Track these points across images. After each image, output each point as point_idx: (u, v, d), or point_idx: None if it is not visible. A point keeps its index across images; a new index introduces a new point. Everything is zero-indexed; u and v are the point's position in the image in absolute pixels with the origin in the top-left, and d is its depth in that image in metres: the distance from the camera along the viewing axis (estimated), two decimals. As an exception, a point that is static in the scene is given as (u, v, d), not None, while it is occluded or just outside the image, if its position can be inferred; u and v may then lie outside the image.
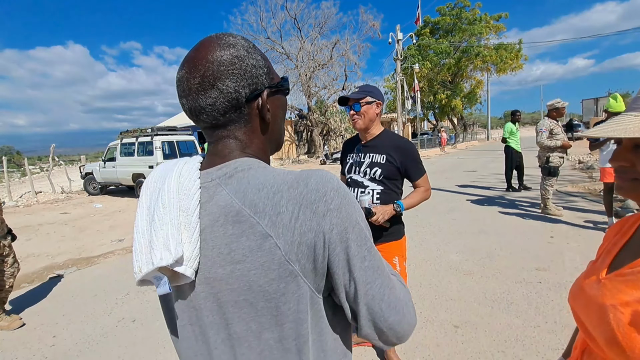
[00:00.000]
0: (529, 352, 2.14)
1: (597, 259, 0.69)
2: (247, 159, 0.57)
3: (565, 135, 5.13)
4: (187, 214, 0.53)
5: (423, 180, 1.82)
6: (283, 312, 0.51)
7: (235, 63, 0.55)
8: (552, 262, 3.46)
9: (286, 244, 0.49)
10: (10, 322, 2.97)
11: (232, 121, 0.58)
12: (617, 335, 0.52)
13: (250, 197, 0.51)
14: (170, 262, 0.50)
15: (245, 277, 0.50)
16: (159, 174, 0.60)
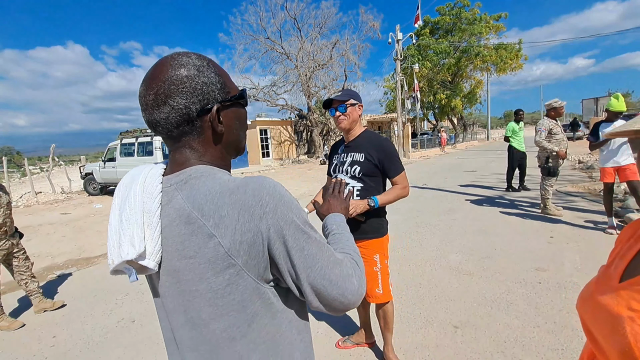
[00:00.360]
0: (528, 352, 2.14)
1: (610, 264, 0.64)
2: (201, 167, 0.65)
3: (565, 135, 5.12)
4: (150, 215, 0.62)
5: (400, 178, 1.86)
6: (228, 302, 0.60)
7: (185, 82, 0.62)
8: (552, 262, 3.46)
9: (228, 242, 0.57)
10: (11, 323, 3.02)
11: (185, 133, 0.65)
12: (634, 350, 0.48)
13: (199, 201, 0.59)
14: (134, 257, 0.59)
15: (197, 270, 0.59)
16: (129, 178, 0.69)
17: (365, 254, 1.94)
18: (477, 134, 41.64)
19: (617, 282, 0.57)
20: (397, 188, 1.87)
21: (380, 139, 1.91)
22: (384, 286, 1.96)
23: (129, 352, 2.53)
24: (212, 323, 0.62)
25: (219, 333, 0.62)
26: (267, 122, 23.02)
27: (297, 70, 21.73)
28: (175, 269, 0.62)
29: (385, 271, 1.97)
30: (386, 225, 1.99)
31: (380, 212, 1.93)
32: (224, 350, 0.63)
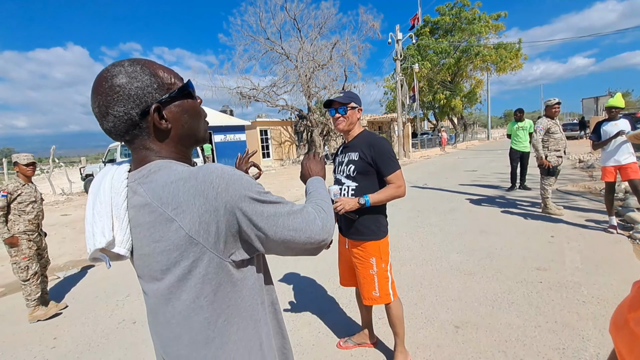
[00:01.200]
0: (529, 352, 2.14)
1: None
2: (159, 162, 0.71)
3: (564, 134, 5.09)
4: (117, 208, 0.69)
5: (395, 177, 1.83)
6: (194, 275, 0.67)
7: (118, 91, 0.67)
8: (553, 261, 3.46)
9: (188, 224, 0.64)
10: (47, 311, 3.18)
11: (136, 136, 0.72)
12: None
13: (158, 192, 0.66)
14: (104, 245, 0.67)
15: (165, 252, 0.66)
16: (100, 176, 0.76)
17: (361, 256, 1.94)
18: (477, 134, 41.65)
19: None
20: (391, 187, 1.84)
21: (374, 138, 1.91)
22: (380, 289, 1.93)
23: (130, 353, 2.53)
24: (183, 294, 0.69)
25: (189, 303, 0.69)
26: (267, 123, 23.02)
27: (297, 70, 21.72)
28: (146, 253, 0.69)
29: (383, 275, 1.93)
30: (384, 228, 1.95)
31: (376, 213, 1.90)
32: (194, 318, 0.70)
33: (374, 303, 1.98)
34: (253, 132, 21.38)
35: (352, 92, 1.97)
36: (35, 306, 3.13)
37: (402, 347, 2.10)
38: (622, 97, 4.28)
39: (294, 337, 2.46)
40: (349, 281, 2.19)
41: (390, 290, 1.97)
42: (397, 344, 2.10)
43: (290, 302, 3.09)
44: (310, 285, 3.42)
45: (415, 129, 28.73)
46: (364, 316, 2.34)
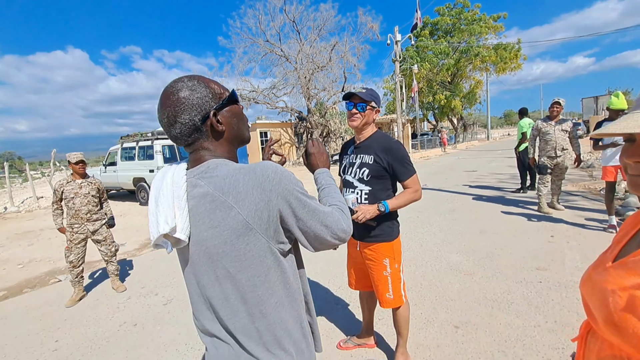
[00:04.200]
0: (529, 351, 2.14)
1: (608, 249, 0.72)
2: (215, 160, 0.84)
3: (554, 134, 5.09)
4: (179, 199, 0.80)
5: (412, 181, 1.81)
6: (249, 257, 0.79)
7: (183, 102, 0.81)
8: (553, 261, 3.46)
9: (246, 211, 0.76)
10: (119, 286, 3.80)
11: (197, 139, 0.85)
12: (614, 317, 0.56)
13: (219, 184, 0.78)
14: (168, 230, 0.78)
15: (222, 236, 0.78)
16: (161, 174, 0.89)
17: (374, 258, 1.91)
18: (477, 134, 41.64)
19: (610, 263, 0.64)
20: (409, 192, 1.81)
21: (391, 141, 1.85)
22: (394, 291, 1.91)
23: (131, 355, 2.54)
24: (238, 275, 0.80)
25: (244, 282, 0.80)
26: (267, 125, 23.06)
27: (297, 72, 21.76)
28: (203, 238, 0.80)
29: (396, 276, 1.92)
30: (396, 229, 1.93)
31: (390, 216, 1.88)
32: (249, 295, 0.81)
33: (388, 306, 1.95)
34: (253, 134, 21.41)
35: (374, 91, 1.91)
36: (75, 291, 3.61)
37: (403, 349, 2.10)
38: (623, 96, 4.28)
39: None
40: (358, 283, 2.17)
41: (403, 292, 1.95)
42: (400, 345, 2.10)
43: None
44: (310, 285, 3.42)
45: (414, 130, 28.73)
46: (366, 317, 2.33)
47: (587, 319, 0.70)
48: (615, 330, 0.56)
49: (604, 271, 0.64)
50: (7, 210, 10.66)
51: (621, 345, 0.57)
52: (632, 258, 0.59)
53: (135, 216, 8.40)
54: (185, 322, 2.93)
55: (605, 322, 0.58)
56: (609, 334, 0.58)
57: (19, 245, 6.32)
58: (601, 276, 0.63)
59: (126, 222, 7.72)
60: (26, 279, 4.48)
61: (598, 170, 8.61)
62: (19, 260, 5.34)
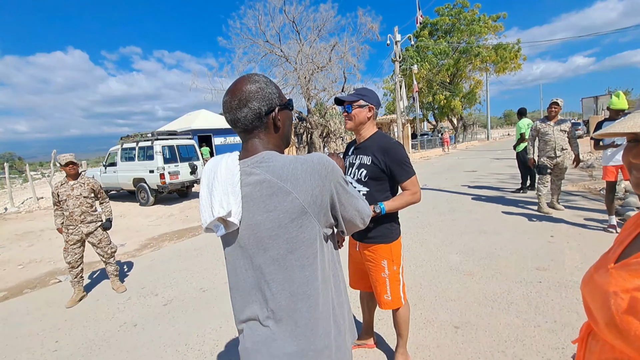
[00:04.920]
0: (529, 351, 2.15)
1: (610, 250, 0.71)
2: (268, 152, 0.90)
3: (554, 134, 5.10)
4: (233, 186, 0.86)
5: (410, 183, 1.78)
6: (300, 239, 0.86)
7: (258, 91, 0.90)
8: (552, 261, 3.46)
9: (303, 196, 0.83)
10: (119, 287, 3.80)
11: (256, 127, 0.92)
12: (616, 319, 0.55)
13: (277, 172, 0.84)
14: (224, 214, 0.84)
15: (277, 219, 0.84)
16: (213, 163, 0.95)
17: (373, 259, 1.91)
18: (477, 134, 41.64)
19: (613, 264, 0.63)
20: (406, 194, 1.78)
21: (389, 142, 1.82)
22: (392, 292, 1.90)
23: (131, 356, 2.54)
24: (288, 255, 0.85)
25: (294, 262, 0.86)
26: (267, 125, 23.02)
27: (297, 72, 21.75)
28: (255, 222, 0.85)
29: (395, 277, 1.90)
30: (396, 231, 1.91)
31: (389, 218, 1.85)
32: (297, 275, 0.86)
33: (386, 307, 1.94)
34: (253, 135, 21.35)
35: (365, 89, 1.88)
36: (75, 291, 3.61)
37: (403, 349, 2.10)
38: (624, 96, 4.28)
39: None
40: (358, 283, 2.17)
41: (402, 294, 1.93)
42: (400, 346, 2.10)
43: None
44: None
45: (414, 130, 28.74)
46: (366, 317, 2.33)
47: (588, 320, 0.70)
48: (617, 332, 0.55)
49: (606, 272, 0.63)
50: (8, 210, 10.66)
51: (623, 348, 0.56)
52: (634, 260, 0.58)
53: (135, 217, 8.40)
54: (186, 323, 2.93)
55: (607, 325, 0.57)
56: (611, 337, 0.58)
57: (19, 245, 6.32)
58: (603, 278, 0.63)
59: (126, 222, 7.72)
60: (26, 279, 4.48)
61: (598, 170, 8.60)
62: (19, 260, 5.35)
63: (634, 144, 0.61)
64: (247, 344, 0.91)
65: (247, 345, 0.91)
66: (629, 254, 0.62)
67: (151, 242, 5.94)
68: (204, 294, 3.48)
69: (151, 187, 9.52)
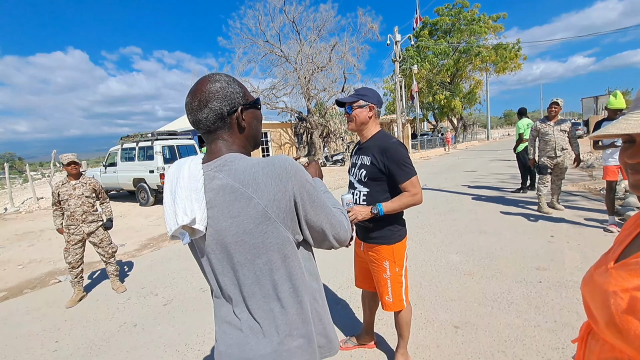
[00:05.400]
0: (529, 351, 2.14)
1: (610, 250, 0.72)
2: (232, 154, 0.88)
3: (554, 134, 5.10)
4: (197, 192, 0.83)
5: (409, 184, 1.73)
6: (266, 244, 0.83)
7: (219, 91, 0.88)
8: (552, 261, 3.46)
9: (265, 201, 0.81)
10: (119, 287, 3.80)
11: (219, 128, 0.90)
12: (616, 319, 0.55)
13: (239, 176, 0.82)
14: (187, 222, 0.81)
15: (241, 225, 0.82)
16: (175, 167, 0.91)
17: (375, 259, 1.90)
18: (477, 134, 41.66)
19: (612, 264, 0.64)
20: (405, 195, 1.74)
21: (388, 142, 1.79)
22: (394, 294, 1.88)
23: (131, 356, 2.54)
24: (256, 260, 0.84)
25: (262, 266, 0.85)
26: (267, 125, 23.06)
27: (297, 73, 21.77)
28: (221, 228, 0.83)
29: (396, 279, 1.88)
30: (399, 232, 1.87)
31: (392, 219, 1.83)
32: (265, 279, 0.86)
33: (388, 309, 1.93)
34: (253, 135, 21.36)
35: (365, 88, 1.86)
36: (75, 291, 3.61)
37: (404, 350, 2.10)
38: (621, 95, 4.29)
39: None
40: (362, 282, 2.18)
41: (404, 297, 1.91)
42: (400, 346, 2.10)
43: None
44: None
45: (414, 130, 28.75)
46: (367, 317, 2.33)
47: (588, 320, 0.70)
48: (616, 332, 0.55)
49: (606, 272, 0.63)
50: (7, 211, 10.66)
51: (622, 347, 0.56)
52: (634, 259, 0.58)
53: (135, 217, 8.40)
54: (185, 323, 2.93)
55: (607, 324, 0.58)
56: (611, 336, 0.58)
57: (19, 246, 6.32)
58: (603, 277, 0.63)
59: (126, 222, 7.72)
60: (26, 279, 4.48)
61: (598, 170, 8.61)
62: (19, 261, 5.35)
63: (628, 144, 0.62)
64: (221, 347, 0.90)
65: (221, 348, 0.90)
66: (628, 254, 0.62)
67: (151, 242, 5.94)
68: (203, 294, 3.48)
69: (151, 187, 9.52)
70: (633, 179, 0.62)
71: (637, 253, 0.59)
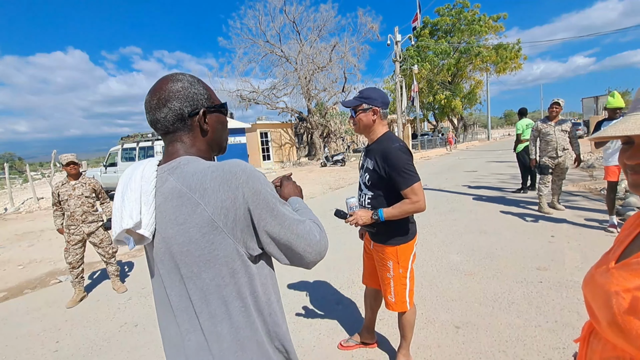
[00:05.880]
0: (529, 351, 2.14)
1: (611, 249, 0.72)
2: (188, 157, 0.82)
3: (555, 135, 5.11)
4: (146, 194, 0.77)
5: (409, 192, 1.69)
6: (214, 257, 0.75)
7: (180, 91, 0.83)
8: (553, 261, 3.46)
9: (212, 208, 0.73)
10: (120, 287, 3.81)
11: (178, 129, 0.85)
12: (618, 319, 0.56)
13: (188, 180, 0.76)
14: (131, 226, 0.75)
15: (187, 233, 0.75)
16: (131, 169, 0.85)
17: (380, 259, 1.93)
18: (477, 134, 41.67)
19: (613, 264, 0.64)
20: (406, 203, 1.70)
21: (389, 147, 1.74)
22: (396, 295, 1.88)
23: (132, 356, 2.54)
24: (202, 273, 0.76)
25: (209, 281, 0.77)
26: (268, 125, 23.08)
27: (297, 73, 21.79)
28: (168, 236, 0.77)
29: (400, 280, 1.87)
30: (406, 234, 1.85)
31: (398, 221, 1.81)
32: (213, 295, 0.77)
33: (391, 308, 1.93)
34: (253, 135, 21.43)
35: (368, 89, 1.83)
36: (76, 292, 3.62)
37: (406, 350, 2.10)
38: (620, 96, 4.29)
39: (294, 338, 2.47)
40: (368, 279, 2.20)
41: (407, 299, 1.90)
42: (402, 347, 2.10)
43: (290, 302, 3.10)
44: (311, 285, 3.42)
45: (415, 130, 28.77)
46: (368, 316, 2.32)
47: (590, 319, 0.70)
48: (619, 332, 0.56)
49: (607, 272, 0.64)
50: (8, 211, 10.67)
51: (624, 347, 0.57)
52: (635, 259, 0.59)
53: (135, 217, 8.40)
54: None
55: (609, 324, 0.58)
56: (613, 336, 0.58)
57: (20, 246, 6.32)
58: (604, 277, 0.63)
59: (126, 222, 7.71)
60: (27, 279, 4.48)
61: (598, 170, 8.61)
62: (20, 261, 5.35)
63: (628, 146, 0.62)
64: None
65: None
66: (629, 254, 0.63)
67: (151, 242, 5.94)
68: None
69: (151, 187, 9.52)
70: (632, 179, 0.63)
71: (638, 253, 0.59)
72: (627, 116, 0.59)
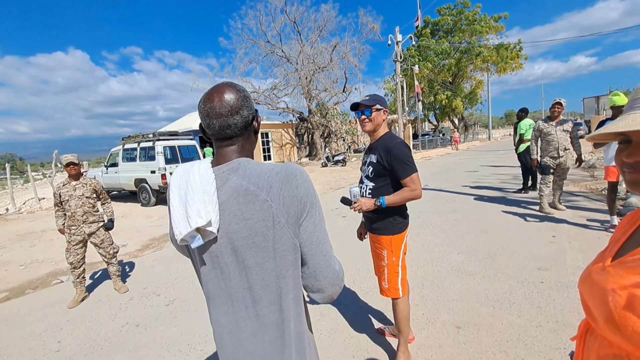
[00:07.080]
0: (530, 351, 2.14)
1: (606, 248, 0.73)
2: (244, 159, 0.90)
3: (556, 134, 5.11)
4: (210, 194, 0.83)
5: (409, 180, 1.89)
6: (276, 249, 0.83)
7: (246, 99, 0.91)
8: (554, 261, 3.46)
9: (276, 204, 0.82)
10: (121, 287, 3.82)
11: (242, 134, 0.92)
12: (614, 316, 0.57)
13: (254, 179, 0.84)
14: (203, 224, 0.80)
15: (253, 227, 0.82)
16: (182, 171, 0.90)
17: (376, 248, 2.09)
18: (478, 134, 41.63)
19: (609, 262, 0.65)
20: (406, 190, 1.91)
21: (392, 142, 1.96)
22: (389, 281, 2.04)
23: (133, 356, 2.54)
24: (265, 264, 0.84)
25: (270, 271, 0.84)
26: (269, 126, 23.10)
27: (298, 73, 21.79)
28: (233, 230, 0.83)
29: (393, 268, 2.03)
30: (399, 225, 2.03)
31: (392, 212, 1.99)
32: (272, 285, 0.85)
33: (384, 294, 2.09)
34: (254, 135, 21.40)
35: (378, 95, 2.05)
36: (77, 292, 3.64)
37: (405, 347, 2.11)
38: (622, 94, 4.28)
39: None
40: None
41: (400, 286, 2.05)
42: (400, 344, 2.12)
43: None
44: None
45: (416, 130, 28.75)
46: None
47: (586, 317, 0.71)
48: (615, 329, 0.56)
49: (603, 270, 0.64)
50: (9, 211, 10.69)
51: (621, 344, 0.57)
52: (630, 257, 0.60)
53: (136, 217, 8.42)
54: (188, 323, 2.94)
55: (606, 321, 0.59)
56: (609, 333, 0.59)
57: (21, 246, 6.34)
58: (600, 275, 0.64)
59: (127, 223, 7.73)
60: (28, 280, 4.50)
61: (599, 170, 8.59)
62: (21, 261, 5.36)
63: (625, 145, 0.63)
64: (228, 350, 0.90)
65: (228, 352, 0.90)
66: (625, 252, 0.64)
67: (153, 242, 5.95)
68: (205, 294, 3.48)
69: (152, 188, 9.53)
70: (631, 178, 0.63)
71: (634, 251, 0.60)
72: (625, 115, 0.60)
